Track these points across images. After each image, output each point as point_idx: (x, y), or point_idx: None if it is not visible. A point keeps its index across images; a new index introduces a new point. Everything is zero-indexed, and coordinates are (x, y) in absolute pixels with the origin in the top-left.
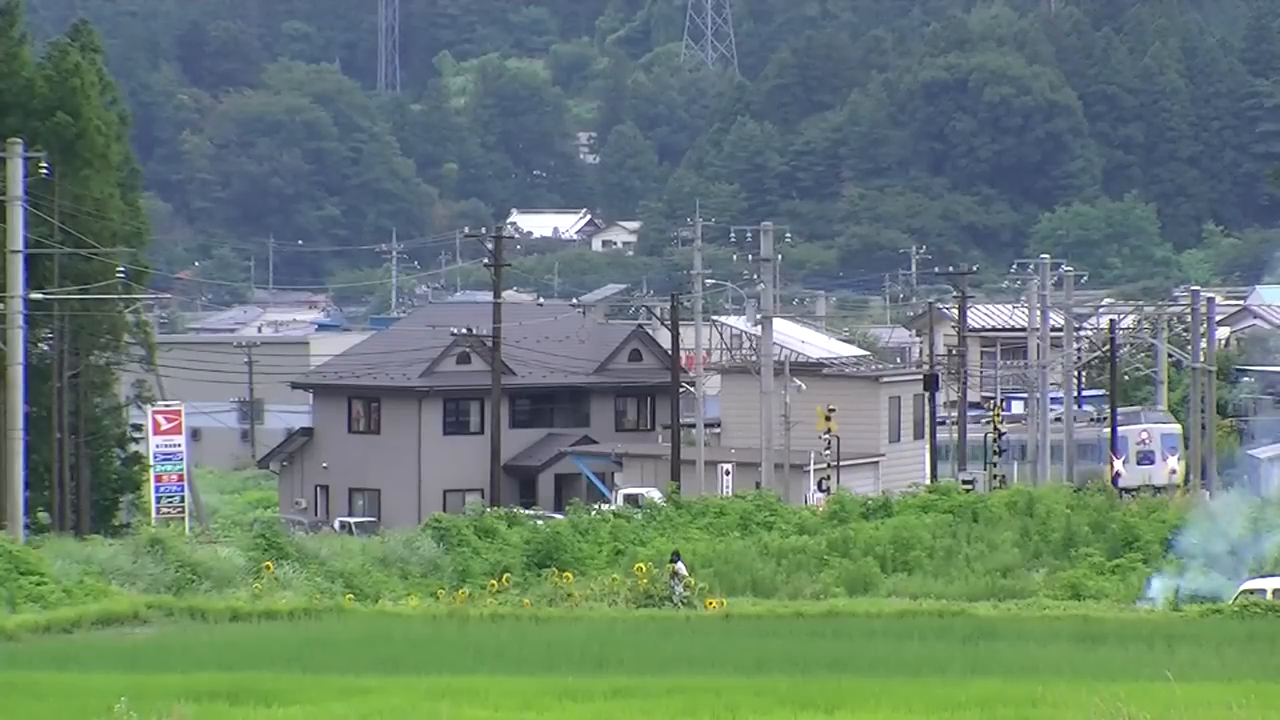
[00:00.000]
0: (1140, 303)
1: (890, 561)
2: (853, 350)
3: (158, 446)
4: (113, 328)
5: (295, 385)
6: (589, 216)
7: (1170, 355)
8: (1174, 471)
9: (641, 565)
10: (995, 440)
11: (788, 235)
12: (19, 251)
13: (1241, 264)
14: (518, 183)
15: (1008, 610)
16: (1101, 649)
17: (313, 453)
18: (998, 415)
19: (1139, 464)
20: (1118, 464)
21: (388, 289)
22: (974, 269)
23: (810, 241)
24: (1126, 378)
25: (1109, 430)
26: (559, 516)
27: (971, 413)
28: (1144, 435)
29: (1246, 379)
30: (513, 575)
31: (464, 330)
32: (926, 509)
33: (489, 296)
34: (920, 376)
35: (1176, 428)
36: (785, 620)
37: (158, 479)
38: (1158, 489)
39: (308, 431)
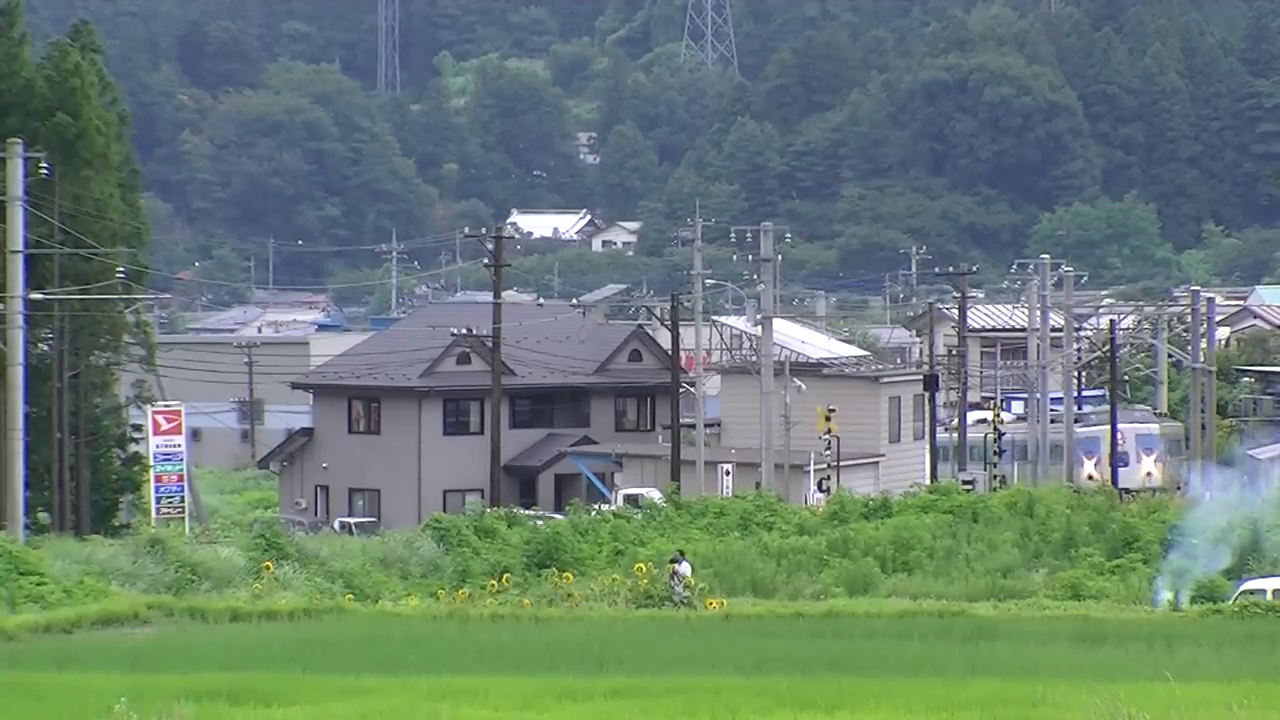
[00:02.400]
0: (1140, 303)
1: (890, 562)
2: (853, 350)
3: (158, 447)
4: (113, 328)
5: (295, 385)
6: (589, 216)
7: (1170, 355)
8: (1150, 474)
9: (641, 565)
10: (995, 440)
11: (788, 235)
12: (19, 251)
13: (1241, 264)
14: (518, 183)
15: (1008, 610)
16: (1101, 649)
17: (313, 453)
18: (998, 415)
19: (1113, 465)
20: (1089, 465)
21: (388, 289)
22: (974, 269)
23: (810, 241)
24: (1126, 378)
25: (1086, 430)
26: (559, 517)
27: (971, 413)
28: (1118, 436)
29: (1246, 379)
30: (513, 575)
31: (464, 330)
32: (926, 509)
33: (489, 296)
34: (920, 377)
35: (1155, 427)
36: (785, 620)
37: (158, 479)
38: (1129, 492)
39: (308, 432)
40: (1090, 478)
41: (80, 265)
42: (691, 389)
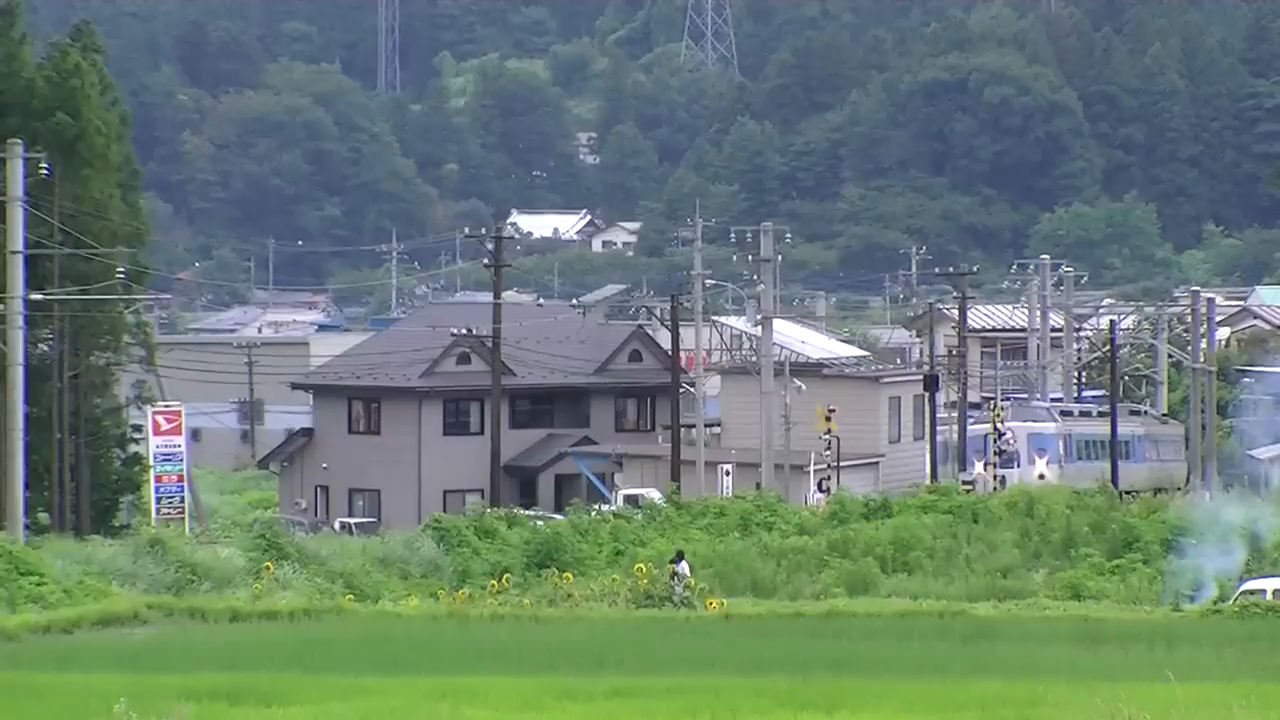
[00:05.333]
0: (1140, 303)
1: (890, 562)
2: (853, 350)
3: (158, 447)
4: (113, 328)
5: (295, 386)
6: (589, 217)
7: (1170, 355)
8: (1043, 476)
9: (641, 565)
10: (995, 441)
11: (788, 235)
12: (19, 252)
13: (1241, 264)
14: (518, 183)
15: (1008, 610)
16: (1101, 649)
17: (313, 453)
18: (998, 416)
19: (1000, 467)
20: (978, 465)
21: (388, 289)
22: (974, 269)
23: (810, 241)
24: (1126, 378)
25: (976, 429)
26: (559, 517)
27: (971, 413)
28: (1007, 434)
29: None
30: (513, 575)
31: (464, 330)
32: (926, 509)
33: (489, 297)
34: (920, 377)
35: (1051, 426)
36: (785, 620)
37: (158, 479)
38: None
39: (308, 432)
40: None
41: (80, 265)
42: (691, 389)
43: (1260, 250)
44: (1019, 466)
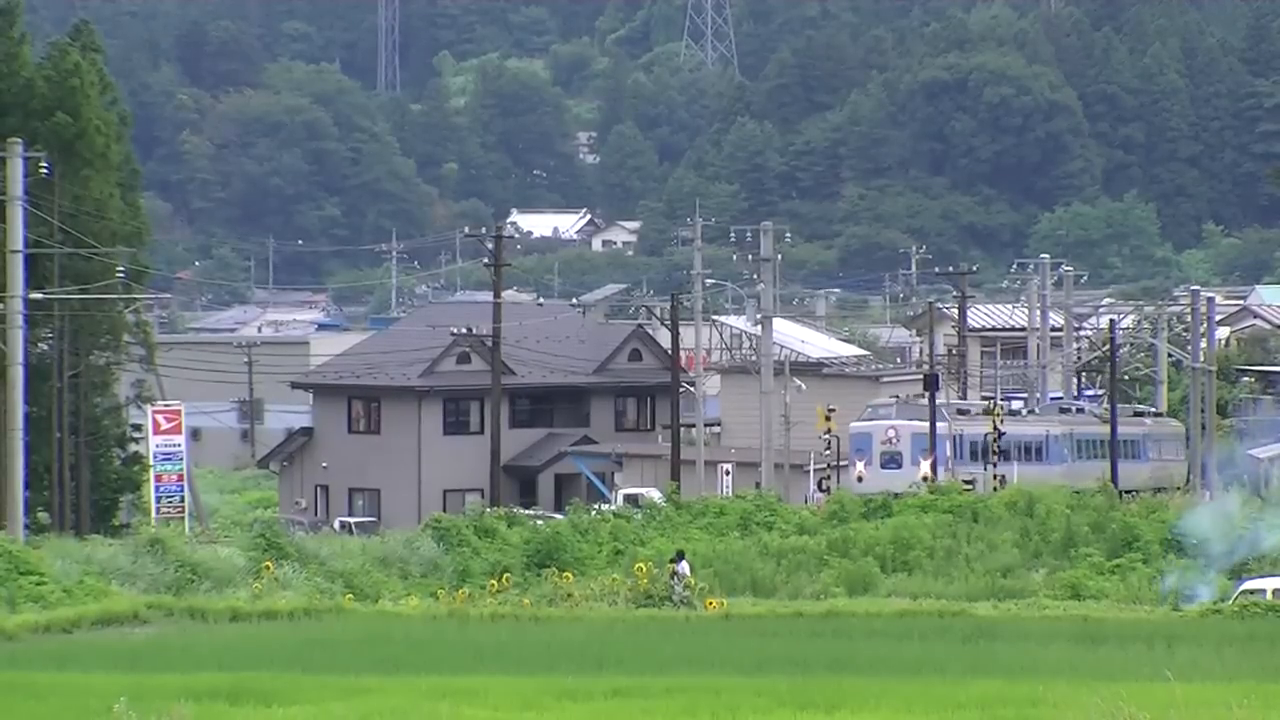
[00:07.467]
0: (1140, 303)
1: (890, 561)
2: (853, 350)
3: (158, 446)
4: (113, 328)
5: (295, 385)
6: (589, 216)
7: (1170, 355)
8: (926, 477)
9: (641, 565)
10: (995, 440)
11: (788, 235)
12: (19, 251)
13: (1241, 264)
14: (518, 183)
15: (1008, 610)
16: (1101, 649)
17: (313, 453)
18: (998, 415)
19: (883, 467)
20: (859, 466)
21: (388, 289)
22: (974, 269)
23: (810, 241)
24: (1126, 378)
25: (859, 426)
26: (559, 516)
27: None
28: (890, 434)
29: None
30: (513, 575)
31: (464, 330)
32: (926, 509)
33: (489, 296)
34: (920, 376)
35: (939, 426)
36: (785, 620)
37: (158, 479)
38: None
39: (308, 431)
40: (860, 479)
41: (80, 265)
42: (691, 389)
43: (1260, 250)
44: (900, 467)
